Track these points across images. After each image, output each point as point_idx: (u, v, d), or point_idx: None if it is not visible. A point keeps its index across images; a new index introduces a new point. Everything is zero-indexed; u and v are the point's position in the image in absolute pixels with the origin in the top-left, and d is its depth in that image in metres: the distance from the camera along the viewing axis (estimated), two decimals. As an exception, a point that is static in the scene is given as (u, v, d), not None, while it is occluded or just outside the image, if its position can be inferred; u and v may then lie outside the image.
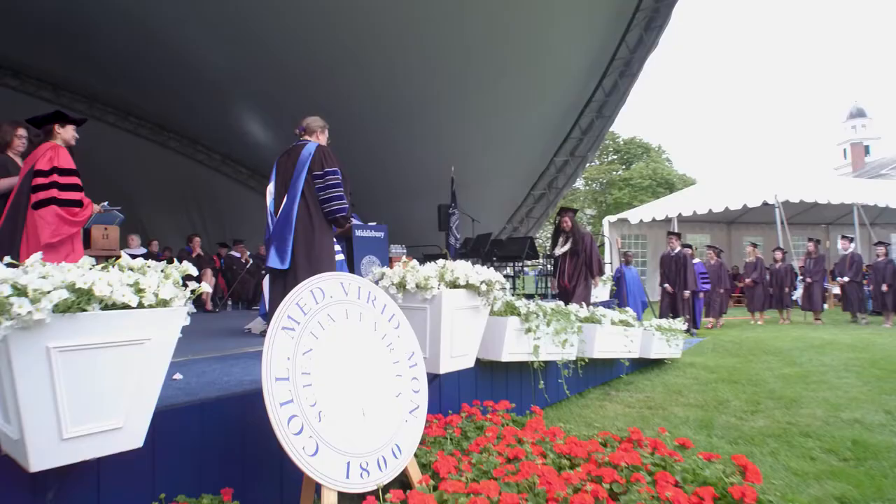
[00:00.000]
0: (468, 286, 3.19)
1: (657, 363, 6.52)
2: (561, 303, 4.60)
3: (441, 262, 3.31)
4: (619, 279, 9.23)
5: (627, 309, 5.77)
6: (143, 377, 1.86)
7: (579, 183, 33.81)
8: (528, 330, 3.98)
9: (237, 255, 9.19)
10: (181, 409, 2.36)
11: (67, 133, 3.65)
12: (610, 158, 35.94)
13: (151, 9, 8.60)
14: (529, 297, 8.91)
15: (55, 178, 3.37)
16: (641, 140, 36.21)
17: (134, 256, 6.18)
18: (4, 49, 10.95)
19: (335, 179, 4.05)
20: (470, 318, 3.29)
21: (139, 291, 1.88)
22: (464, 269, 3.20)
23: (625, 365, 5.66)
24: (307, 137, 4.25)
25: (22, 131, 4.13)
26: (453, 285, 3.19)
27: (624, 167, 34.76)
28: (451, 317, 3.13)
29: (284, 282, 3.86)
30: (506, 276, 10.26)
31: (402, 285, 3.14)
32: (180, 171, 14.25)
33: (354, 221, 7.37)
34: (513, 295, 4.09)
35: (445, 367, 3.15)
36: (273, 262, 3.96)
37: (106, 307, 1.81)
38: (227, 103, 11.14)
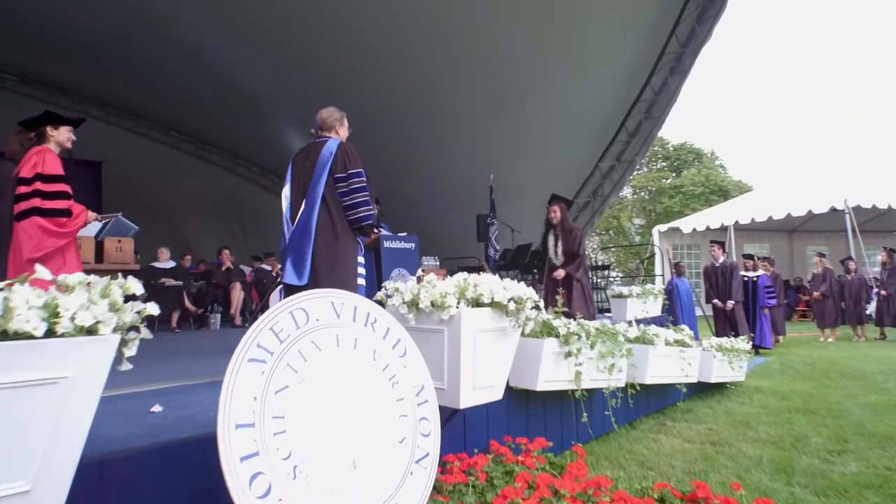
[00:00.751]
0: (493, 304, 2.70)
1: (718, 387, 5.82)
2: (608, 321, 4.04)
3: (463, 275, 2.83)
4: (671, 292, 8.50)
5: (683, 327, 5.12)
6: (60, 425, 1.45)
7: (626, 191, 32.68)
8: (569, 354, 3.44)
9: (268, 268, 8.97)
10: (138, 454, 1.95)
11: (62, 135, 3.36)
12: (659, 166, 34.60)
13: (194, 33, 8.68)
14: (570, 315, 8.30)
15: (38, 185, 3.08)
16: (692, 146, 34.75)
17: (164, 270, 5.91)
18: (56, 70, 11.26)
19: (360, 182, 3.52)
20: (496, 342, 2.79)
21: (54, 316, 1.48)
22: (488, 285, 2.71)
23: (681, 391, 5.00)
24: (325, 134, 3.72)
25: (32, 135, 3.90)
26: (476, 303, 2.70)
27: (674, 174, 33.41)
28: (472, 341, 2.64)
29: None
30: (548, 290, 9.65)
31: (414, 304, 2.67)
32: (221, 185, 14.31)
33: (383, 232, 6.99)
34: (553, 311, 3.56)
35: (467, 401, 2.66)
36: (289, 277, 3.46)
37: (7, 336, 1.41)
38: (265, 117, 11.08)
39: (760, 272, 9.44)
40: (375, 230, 6.98)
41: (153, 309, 1.79)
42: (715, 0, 7.56)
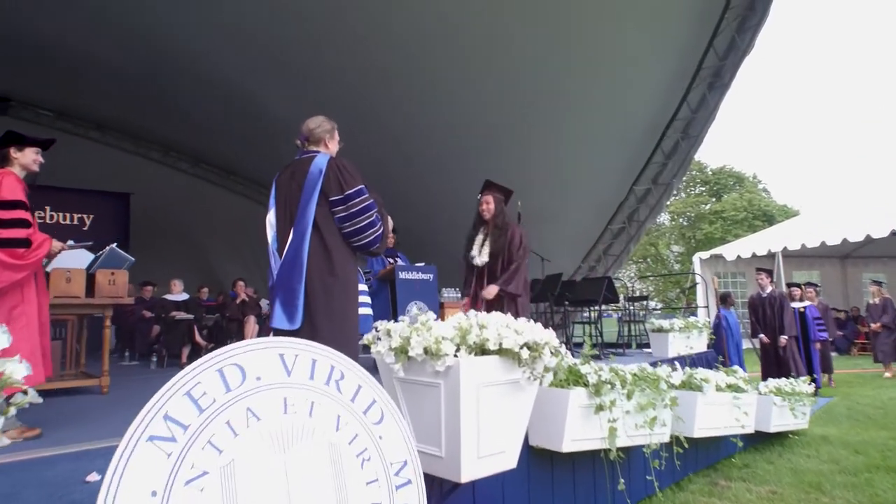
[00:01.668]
0: (502, 352, 2.19)
1: (778, 437, 5.08)
2: (647, 365, 3.45)
3: (467, 315, 2.33)
4: (718, 326, 7.74)
5: (736, 369, 4.46)
6: None
7: (664, 217, 31.63)
8: (601, 407, 2.87)
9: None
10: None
11: (27, 157, 3.03)
12: (698, 190, 33.49)
13: (221, 67, 8.65)
14: (608, 348, 7.63)
15: None
16: (733, 169, 33.56)
17: (176, 303, 5.53)
18: (90, 105, 11.42)
19: (362, 202, 3.01)
20: (507, 399, 2.26)
21: None
22: (496, 327, 2.20)
23: (737, 444, 4.32)
24: (313, 148, 3.22)
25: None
26: (481, 350, 2.19)
27: (714, 199, 32.22)
28: (476, 397, 2.12)
29: None
30: (581, 323, 9.00)
31: (402, 351, 2.18)
32: (246, 215, 14.19)
33: (399, 262, 6.55)
34: (581, 349, 3.01)
35: (470, 473, 2.13)
36: (278, 320, 2.94)
37: None
38: (289, 145, 10.84)
39: (807, 302, 8.60)
40: (391, 260, 6.55)
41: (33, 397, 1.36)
42: (755, 8, 7.00)
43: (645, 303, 9.16)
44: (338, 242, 3.04)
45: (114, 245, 4.58)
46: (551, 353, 2.31)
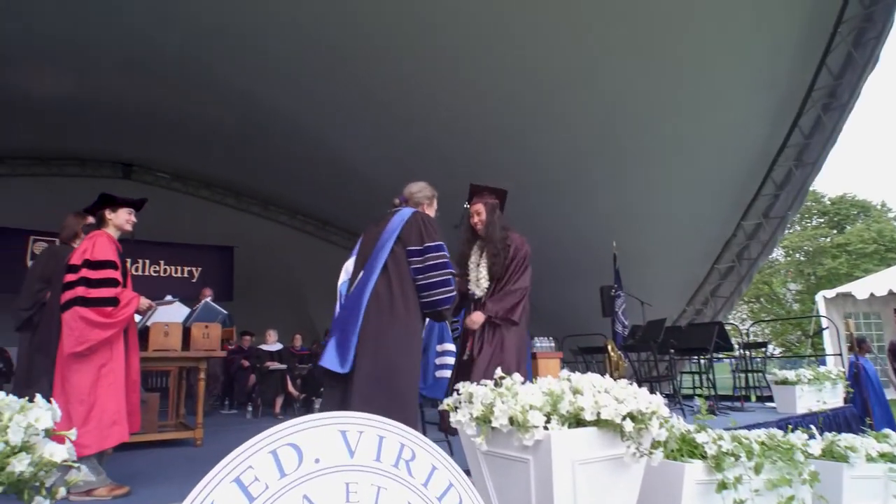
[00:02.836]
0: (601, 423, 1.88)
1: (950, 518, 4.18)
2: (777, 430, 2.93)
3: (559, 379, 2.05)
4: (856, 377, 6.73)
5: (888, 433, 3.73)
6: None
7: (777, 253, 29.09)
8: (723, 485, 2.42)
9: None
10: None
11: (119, 218, 3.17)
12: (815, 223, 30.63)
13: (317, 123, 9.09)
14: (723, 402, 6.85)
15: (84, 272, 2.86)
16: (855, 197, 30.44)
17: (270, 353, 5.66)
18: (199, 166, 12.47)
19: (440, 258, 2.89)
20: (609, 477, 1.93)
21: None
22: (592, 395, 1.90)
23: (897, 527, 3.57)
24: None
25: (91, 220, 3.88)
26: (575, 421, 1.90)
27: (835, 231, 29.28)
28: (571, 476, 1.82)
29: (343, 395, 2.69)
30: (689, 373, 8.22)
31: (485, 420, 1.93)
32: (340, 263, 14.61)
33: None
34: (691, 402, 2.60)
35: (567, 568, 1.80)
36: (329, 360, 2.75)
37: None
38: (383, 193, 11.11)
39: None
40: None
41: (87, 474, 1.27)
42: (874, 19, 6.27)
43: (764, 350, 8.22)
44: (405, 291, 2.86)
45: (208, 299, 4.74)
46: (660, 424, 1.97)
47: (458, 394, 2.20)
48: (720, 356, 9.09)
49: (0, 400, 1.26)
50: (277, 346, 7.55)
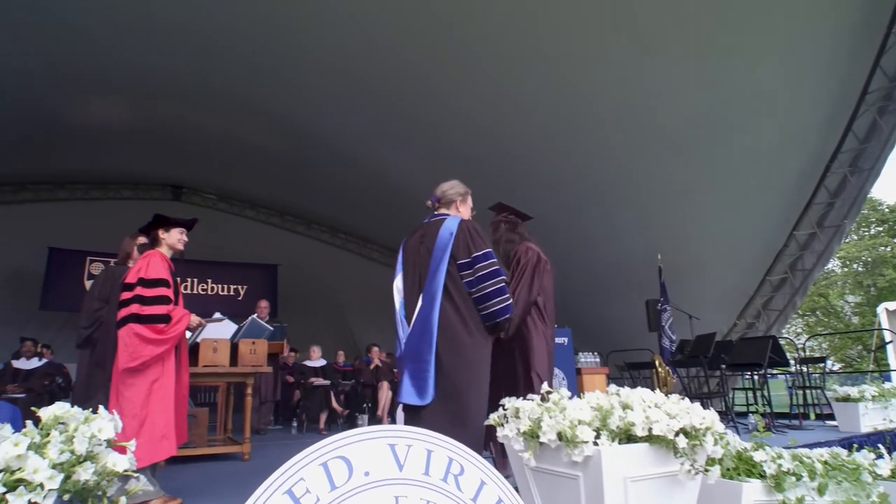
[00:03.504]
0: (653, 439, 1.82)
1: None
2: (841, 449, 2.78)
3: (600, 394, 2.01)
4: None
5: (965, 453, 3.48)
6: None
7: (833, 264, 27.81)
8: (784, 506, 2.31)
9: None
10: None
11: (172, 237, 3.30)
12: (873, 231, 29.17)
13: (358, 143, 9.26)
14: (779, 419, 6.55)
15: (139, 290, 2.97)
16: (916, 206, 28.86)
17: (314, 369, 5.76)
18: (244, 187, 12.87)
19: (490, 267, 2.84)
20: (663, 495, 1.86)
21: None
22: (641, 408, 1.85)
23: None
24: (443, 210, 3.14)
25: (143, 239, 4.03)
26: (626, 436, 1.85)
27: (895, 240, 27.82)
28: (623, 493, 1.77)
29: (426, 426, 2.68)
30: (742, 389, 7.92)
31: (533, 435, 1.90)
32: (381, 280, 14.77)
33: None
34: (745, 420, 2.49)
35: (620, 590, 1.74)
36: (407, 395, 2.76)
37: None
38: (419, 211, 11.22)
39: None
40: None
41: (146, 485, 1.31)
42: (933, 16, 6.00)
43: (823, 365, 7.83)
44: (470, 311, 2.84)
45: (254, 316, 4.85)
46: (715, 440, 1.90)
47: (504, 409, 2.18)
48: (774, 372, 8.70)
49: (66, 411, 1.31)
50: (321, 363, 7.65)
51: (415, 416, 2.75)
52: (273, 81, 7.84)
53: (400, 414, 3.36)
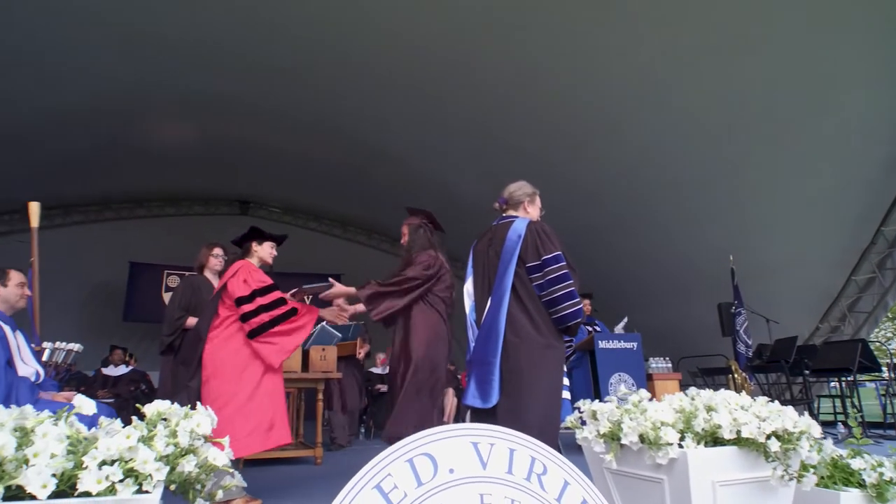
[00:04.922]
0: (741, 442, 1.75)
1: None
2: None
3: (688, 394, 1.94)
4: None
5: None
6: None
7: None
8: (888, 518, 2.15)
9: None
10: None
11: (264, 251, 3.50)
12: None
13: (414, 153, 9.54)
14: (872, 429, 6.11)
15: (258, 301, 3.20)
16: None
17: (381, 376, 5.95)
18: (308, 199, 13.35)
19: (560, 269, 2.80)
20: (753, 500, 1.78)
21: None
22: (729, 411, 1.77)
23: None
24: (511, 212, 3.13)
25: (218, 250, 4.23)
26: (712, 439, 1.78)
27: None
28: (711, 498, 1.70)
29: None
30: (828, 396, 7.45)
31: (613, 437, 1.86)
32: (441, 288, 14.91)
33: (597, 330, 6.12)
34: (832, 430, 2.34)
35: None
36: (471, 397, 2.78)
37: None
38: (483, 218, 11.30)
39: None
40: (589, 329, 6.14)
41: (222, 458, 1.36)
42: None
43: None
44: (540, 313, 2.83)
45: (324, 323, 4.98)
46: (810, 444, 1.79)
47: (580, 411, 2.14)
48: (863, 379, 8.13)
49: (168, 408, 1.39)
50: (386, 370, 7.76)
51: (483, 419, 2.75)
52: (338, 104, 8.20)
53: (468, 419, 3.38)
